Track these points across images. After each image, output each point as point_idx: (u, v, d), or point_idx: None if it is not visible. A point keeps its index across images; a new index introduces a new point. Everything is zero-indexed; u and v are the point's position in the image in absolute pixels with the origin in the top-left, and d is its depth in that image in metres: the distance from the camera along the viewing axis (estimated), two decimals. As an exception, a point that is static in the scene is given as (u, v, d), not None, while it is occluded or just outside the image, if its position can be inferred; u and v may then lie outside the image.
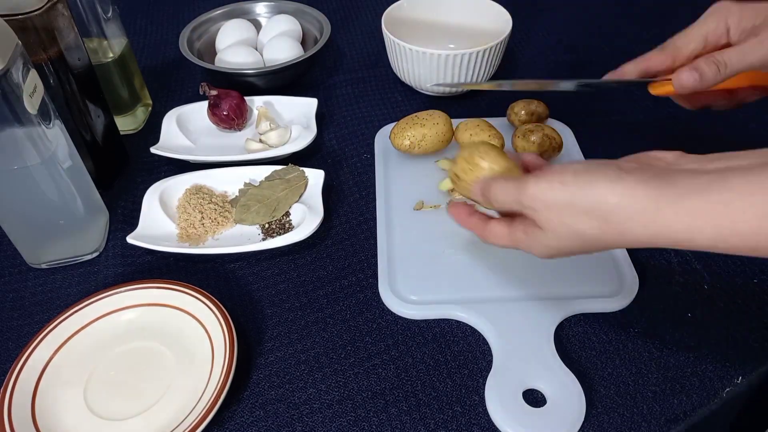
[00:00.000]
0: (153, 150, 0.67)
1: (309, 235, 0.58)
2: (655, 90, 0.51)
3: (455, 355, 0.50)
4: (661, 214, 0.32)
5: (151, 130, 0.74)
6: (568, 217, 0.36)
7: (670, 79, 0.49)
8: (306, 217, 0.59)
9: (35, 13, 0.52)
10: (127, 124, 0.74)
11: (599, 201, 0.34)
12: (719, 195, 0.31)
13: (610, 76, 0.53)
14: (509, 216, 0.43)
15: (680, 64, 0.49)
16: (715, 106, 0.53)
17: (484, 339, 0.51)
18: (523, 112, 0.69)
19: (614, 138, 0.68)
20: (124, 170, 0.70)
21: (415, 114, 0.66)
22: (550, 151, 0.64)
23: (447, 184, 0.63)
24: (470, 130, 0.65)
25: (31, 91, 0.49)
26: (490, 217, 0.45)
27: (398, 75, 0.78)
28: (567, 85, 0.53)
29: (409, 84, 0.78)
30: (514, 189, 0.39)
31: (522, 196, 0.39)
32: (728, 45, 0.48)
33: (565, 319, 0.52)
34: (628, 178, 0.34)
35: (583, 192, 0.35)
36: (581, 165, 0.37)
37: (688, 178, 0.32)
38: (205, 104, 0.72)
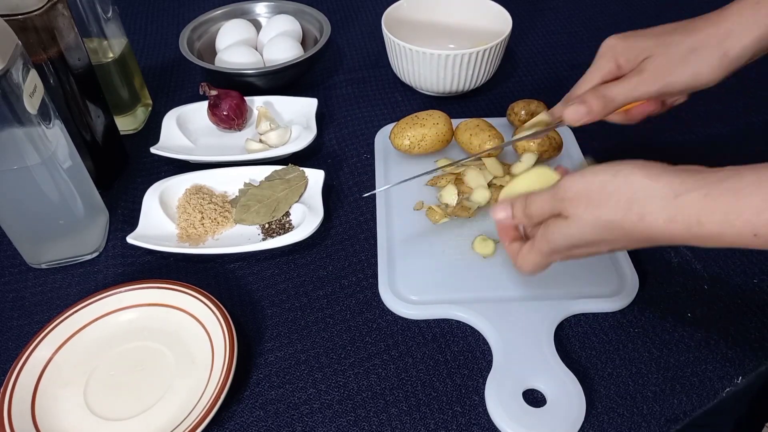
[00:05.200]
0: (153, 150, 0.67)
1: (309, 235, 0.58)
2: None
3: (455, 355, 0.50)
4: (679, 197, 0.35)
5: (151, 130, 0.74)
6: (595, 202, 0.39)
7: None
8: (306, 217, 0.59)
9: (35, 13, 0.52)
10: (127, 124, 0.74)
11: (626, 182, 0.37)
12: (731, 184, 0.34)
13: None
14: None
15: None
16: (652, 114, 0.54)
17: (484, 339, 0.51)
18: (523, 112, 0.68)
19: (613, 137, 0.68)
20: (124, 170, 0.70)
21: (415, 114, 0.66)
22: (551, 150, 0.63)
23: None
24: (470, 130, 0.65)
25: (31, 91, 0.49)
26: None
27: (398, 75, 0.78)
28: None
29: (409, 84, 0.78)
30: (549, 189, 0.42)
31: (557, 189, 0.41)
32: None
33: (565, 319, 0.52)
34: (654, 166, 0.37)
35: (612, 176, 0.38)
36: (612, 162, 0.40)
37: (707, 171, 0.36)
38: (205, 104, 0.72)
